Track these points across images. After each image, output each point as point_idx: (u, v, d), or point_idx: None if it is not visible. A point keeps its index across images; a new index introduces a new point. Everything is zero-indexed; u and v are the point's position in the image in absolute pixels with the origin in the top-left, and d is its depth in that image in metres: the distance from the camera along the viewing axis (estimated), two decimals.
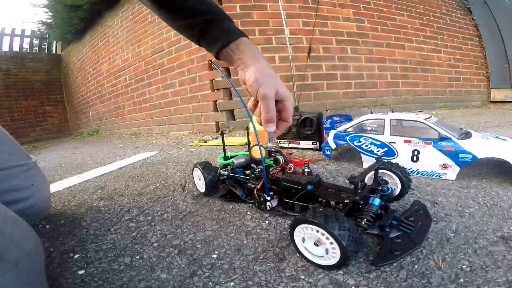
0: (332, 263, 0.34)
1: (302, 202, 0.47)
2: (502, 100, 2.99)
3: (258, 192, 0.50)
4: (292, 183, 0.47)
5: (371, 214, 0.39)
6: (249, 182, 0.55)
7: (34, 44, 4.52)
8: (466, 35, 3.09)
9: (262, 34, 2.08)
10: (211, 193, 0.63)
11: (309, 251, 0.36)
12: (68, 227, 0.55)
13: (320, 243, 0.35)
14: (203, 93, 2.15)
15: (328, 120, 1.06)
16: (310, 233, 0.35)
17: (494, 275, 0.31)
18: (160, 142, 1.91)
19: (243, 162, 0.61)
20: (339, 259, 0.33)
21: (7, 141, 0.54)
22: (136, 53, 2.73)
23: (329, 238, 0.33)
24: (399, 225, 0.39)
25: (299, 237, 0.37)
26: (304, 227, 0.36)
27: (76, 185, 0.88)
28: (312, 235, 0.35)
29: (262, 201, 0.49)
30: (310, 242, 0.36)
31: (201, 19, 0.43)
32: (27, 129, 4.14)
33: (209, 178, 0.60)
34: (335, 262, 0.34)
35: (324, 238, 0.34)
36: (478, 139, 0.61)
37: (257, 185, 0.51)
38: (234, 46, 0.44)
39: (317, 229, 0.34)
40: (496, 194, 0.53)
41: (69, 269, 0.40)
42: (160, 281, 0.36)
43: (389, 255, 0.35)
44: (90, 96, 3.79)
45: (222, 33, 0.44)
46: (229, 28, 0.45)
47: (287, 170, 0.52)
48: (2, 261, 0.26)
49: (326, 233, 0.33)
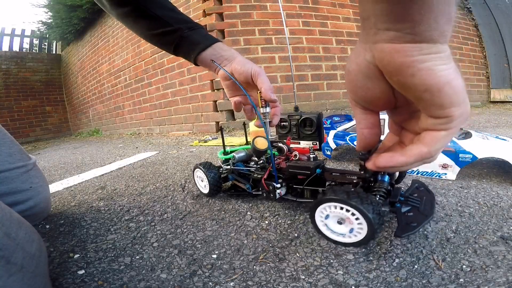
0: (358, 239, 0.35)
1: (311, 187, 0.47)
2: (502, 100, 2.99)
3: (267, 181, 0.50)
4: (300, 168, 0.47)
5: (383, 190, 0.39)
6: (255, 173, 0.55)
7: (34, 44, 4.52)
8: (466, 35, 3.09)
9: (262, 34, 2.08)
10: (215, 193, 0.62)
11: (333, 231, 0.37)
12: (68, 227, 0.55)
13: (344, 221, 0.35)
14: (203, 93, 2.16)
15: (328, 120, 1.06)
16: (334, 211, 0.35)
17: (494, 275, 0.31)
18: (160, 142, 1.91)
19: (244, 156, 0.61)
20: (366, 234, 0.34)
21: (7, 142, 0.54)
22: (136, 53, 2.73)
23: (354, 214, 0.33)
24: (406, 201, 0.41)
25: (320, 218, 0.38)
26: (327, 206, 0.36)
27: (76, 185, 0.88)
28: (336, 214, 0.35)
29: (271, 190, 0.49)
30: (333, 221, 0.37)
31: (179, 27, 0.47)
32: (27, 129, 4.14)
33: (212, 178, 0.59)
34: (362, 238, 0.34)
35: (349, 214, 0.34)
36: (478, 139, 0.61)
37: (264, 175, 0.51)
38: (216, 47, 0.48)
39: (341, 206, 0.34)
40: (496, 194, 0.52)
41: (69, 269, 0.40)
42: (160, 281, 0.36)
43: (407, 227, 0.36)
44: (90, 96, 3.79)
45: (201, 37, 0.49)
46: (207, 34, 0.50)
47: (292, 158, 0.52)
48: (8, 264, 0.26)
49: (351, 208, 0.33)
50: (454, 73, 0.20)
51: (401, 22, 0.18)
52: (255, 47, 2.07)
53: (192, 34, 0.48)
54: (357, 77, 0.24)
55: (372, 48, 0.21)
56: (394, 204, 0.40)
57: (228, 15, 2.04)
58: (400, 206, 0.40)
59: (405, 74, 0.20)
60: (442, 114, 0.21)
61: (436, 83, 0.19)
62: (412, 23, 0.18)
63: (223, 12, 2.04)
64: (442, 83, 0.19)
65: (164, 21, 0.47)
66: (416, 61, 0.19)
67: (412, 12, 0.18)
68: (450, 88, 0.20)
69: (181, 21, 0.48)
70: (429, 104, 0.21)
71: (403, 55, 0.19)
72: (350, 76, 0.24)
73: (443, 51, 0.19)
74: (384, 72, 0.22)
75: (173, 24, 0.47)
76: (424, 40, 0.19)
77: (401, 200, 0.41)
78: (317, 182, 0.47)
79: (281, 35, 2.03)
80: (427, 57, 0.19)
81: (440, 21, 0.18)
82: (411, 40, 0.19)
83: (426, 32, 0.18)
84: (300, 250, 0.40)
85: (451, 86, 0.20)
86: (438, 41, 0.19)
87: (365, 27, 0.21)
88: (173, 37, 0.48)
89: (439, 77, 0.19)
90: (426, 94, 0.20)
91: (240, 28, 2.05)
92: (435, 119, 0.22)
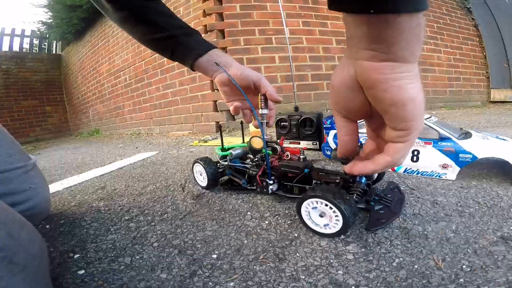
0: (333, 232, 0.41)
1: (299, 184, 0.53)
2: (502, 100, 2.99)
3: (261, 177, 0.55)
4: (291, 168, 0.53)
5: (360, 190, 0.45)
6: (250, 170, 0.60)
7: (34, 44, 4.53)
8: (466, 35, 3.09)
9: (262, 34, 2.08)
10: (212, 186, 0.67)
11: (314, 222, 0.43)
12: (68, 227, 0.55)
13: (325, 215, 0.41)
14: (203, 93, 2.16)
15: (328, 120, 1.06)
16: (319, 206, 0.41)
17: (494, 275, 0.31)
18: (160, 142, 1.91)
19: (240, 153, 0.66)
20: (340, 228, 0.40)
21: (7, 142, 0.54)
22: (136, 53, 2.73)
23: (334, 211, 0.39)
24: (380, 200, 0.47)
25: (306, 210, 0.43)
26: (314, 200, 0.41)
27: (76, 185, 0.88)
28: (319, 208, 0.41)
29: (264, 186, 0.54)
30: (316, 214, 0.43)
31: (176, 32, 0.49)
32: (27, 129, 4.14)
33: (210, 171, 0.64)
34: (336, 230, 0.40)
35: (328, 209, 0.40)
36: (478, 139, 0.61)
37: (258, 171, 0.56)
38: (212, 53, 0.50)
39: (326, 202, 0.40)
40: (496, 194, 0.53)
41: (69, 269, 0.40)
42: (160, 281, 0.36)
43: (377, 222, 0.42)
44: (90, 96, 3.79)
45: (198, 44, 0.50)
46: (203, 40, 0.52)
47: (284, 158, 0.57)
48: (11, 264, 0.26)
49: (333, 206, 0.39)
50: (419, 91, 0.23)
51: (378, 43, 0.21)
52: (255, 47, 2.07)
53: (189, 40, 0.50)
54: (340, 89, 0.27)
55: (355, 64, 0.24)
56: (369, 202, 0.46)
57: (228, 15, 2.04)
58: (374, 205, 0.45)
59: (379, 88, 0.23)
60: (404, 127, 0.24)
61: (402, 99, 0.22)
62: (387, 44, 0.21)
63: (223, 12, 2.04)
64: (408, 99, 0.22)
65: (161, 27, 0.48)
66: (389, 78, 0.22)
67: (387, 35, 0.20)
68: (413, 104, 0.23)
69: (177, 27, 0.49)
70: (394, 117, 0.24)
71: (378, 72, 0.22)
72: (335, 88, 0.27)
73: (412, 70, 0.22)
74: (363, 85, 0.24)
75: (170, 30, 0.48)
76: (397, 59, 0.21)
77: (375, 199, 0.46)
78: (305, 181, 0.52)
79: (281, 35, 2.03)
80: (399, 75, 0.22)
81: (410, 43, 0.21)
82: (386, 59, 0.22)
83: (399, 52, 0.21)
84: (300, 250, 0.40)
85: (414, 103, 0.23)
86: (409, 61, 0.22)
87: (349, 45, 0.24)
88: (169, 43, 0.50)
89: (406, 93, 0.22)
90: (392, 108, 0.23)
91: (240, 28, 2.05)
92: (396, 132, 0.25)
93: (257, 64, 2.07)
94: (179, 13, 2.24)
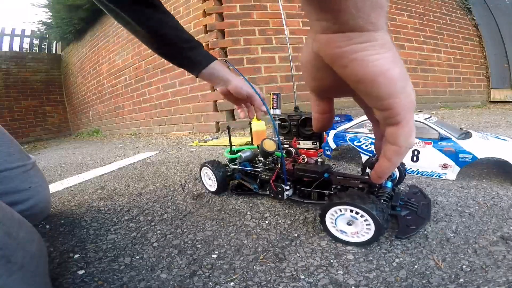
0: (363, 240, 0.38)
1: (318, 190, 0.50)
2: (502, 100, 2.99)
3: (275, 182, 0.52)
4: (309, 172, 0.50)
5: (386, 194, 0.43)
6: (263, 174, 0.57)
7: (34, 44, 4.52)
8: (466, 35, 3.09)
9: (262, 34, 2.08)
10: (222, 191, 0.64)
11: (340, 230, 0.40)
12: (68, 227, 0.55)
13: (353, 222, 0.38)
14: (203, 93, 2.16)
15: None
16: (344, 214, 0.38)
17: (494, 275, 0.31)
18: (160, 142, 1.91)
19: (250, 156, 0.62)
20: (372, 236, 0.37)
21: (6, 141, 0.54)
22: (136, 53, 2.73)
23: (363, 216, 0.36)
24: (406, 205, 0.45)
25: (331, 218, 0.40)
26: (338, 208, 0.39)
27: (76, 185, 0.88)
28: (346, 215, 0.38)
29: (279, 191, 0.51)
30: (343, 222, 0.40)
31: (183, 47, 0.54)
32: (27, 129, 4.14)
33: (219, 175, 0.61)
34: (367, 239, 0.38)
35: (359, 217, 0.37)
36: (478, 139, 0.61)
37: (272, 176, 0.53)
38: (213, 66, 0.56)
39: (351, 208, 0.37)
40: (496, 194, 0.52)
41: (69, 269, 0.40)
42: (160, 281, 0.36)
43: (407, 229, 0.40)
44: (90, 96, 3.79)
45: (201, 56, 0.56)
46: (206, 53, 0.57)
47: (300, 161, 0.54)
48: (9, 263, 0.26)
49: (364, 213, 0.36)
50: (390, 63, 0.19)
51: (324, 12, 0.18)
52: (255, 47, 2.07)
53: (192, 54, 0.55)
54: (307, 67, 0.23)
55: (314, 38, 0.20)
56: (395, 208, 0.43)
57: (228, 15, 2.04)
58: (400, 210, 0.43)
59: (339, 65, 0.20)
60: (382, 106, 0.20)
61: (367, 74, 0.19)
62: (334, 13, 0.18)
63: (223, 12, 2.04)
64: (375, 73, 0.18)
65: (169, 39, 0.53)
66: (346, 51, 0.19)
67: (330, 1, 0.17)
68: (384, 78, 0.19)
69: (184, 41, 0.54)
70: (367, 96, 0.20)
71: (334, 45, 0.19)
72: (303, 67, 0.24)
73: (375, 39, 0.18)
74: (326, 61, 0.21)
75: (178, 43, 0.53)
76: (351, 29, 0.18)
77: (401, 204, 0.44)
78: (324, 185, 0.49)
79: (281, 35, 2.03)
80: (358, 46, 0.18)
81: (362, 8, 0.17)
82: (337, 30, 0.18)
83: (350, 21, 0.18)
84: (300, 250, 0.40)
85: (385, 77, 0.19)
86: (367, 29, 0.18)
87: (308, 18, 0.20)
88: (176, 55, 0.55)
89: (372, 67, 0.18)
90: (360, 85, 0.19)
91: (240, 28, 2.05)
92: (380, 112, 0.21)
93: (257, 64, 2.07)
94: (179, 13, 2.24)
